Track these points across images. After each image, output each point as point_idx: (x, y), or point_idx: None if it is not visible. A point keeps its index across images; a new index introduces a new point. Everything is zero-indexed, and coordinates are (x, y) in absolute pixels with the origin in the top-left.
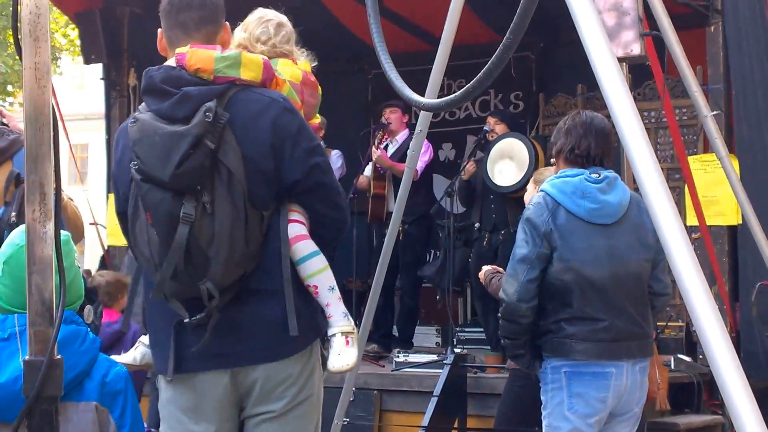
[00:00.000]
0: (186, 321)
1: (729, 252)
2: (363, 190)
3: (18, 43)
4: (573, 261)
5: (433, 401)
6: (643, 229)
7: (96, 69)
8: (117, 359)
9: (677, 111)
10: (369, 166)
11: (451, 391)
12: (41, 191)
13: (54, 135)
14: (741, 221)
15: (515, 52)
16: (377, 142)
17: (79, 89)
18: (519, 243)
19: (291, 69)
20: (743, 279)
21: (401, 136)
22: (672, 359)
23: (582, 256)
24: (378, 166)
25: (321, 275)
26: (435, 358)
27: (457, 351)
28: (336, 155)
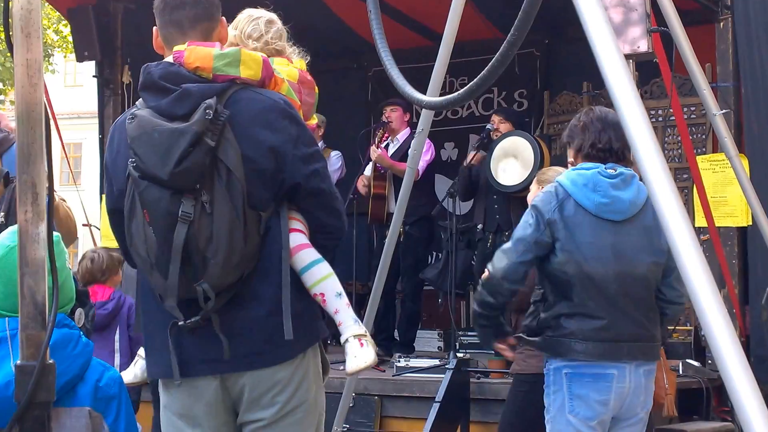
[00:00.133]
0: (181, 324)
1: (739, 254)
2: (362, 194)
3: (9, 40)
4: (576, 254)
5: (435, 407)
6: (657, 233)
7: (89, 66)
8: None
9: (685, 109)
10: (369, 165)
11: (454, 397)
12: (33, 191)
13: (46, 134)
14: (751, 222)
15: (519, 48)
16: (377, 141)
17: (72, 87)
18: (521, 224)
19: (287, 68)
20: (753, 282)
21: (402, 135)
22: (680, 364)
23: (585, 250)
24: (378, 165)
25: (327, 282)
26: (437, 362)
27: (460, 355)
28: (335, 156)
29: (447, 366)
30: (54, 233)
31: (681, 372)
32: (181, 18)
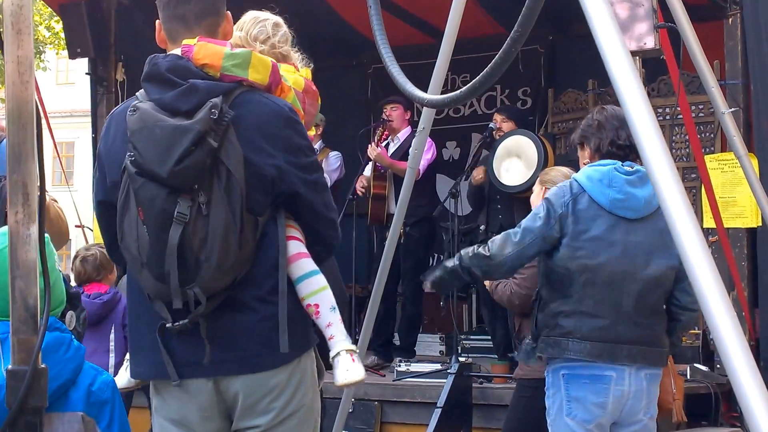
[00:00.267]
0: (168, 326)
1: (748, 255)
2: (362, 195)
3: None
4: (583, 249)
5: (437, 413)
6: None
7: (82, 63)
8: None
9: (693, 107)
10: (369, 165)
11: (456, 403)
12: (24, 191)
13: (38, 133)
14: (761, 223)
15: (523, 45)
16: (377, 139)
17: (65, 85)
18: (532, 215)
19: (293, 76)
20: (763, 284)
21: (403, 134)
22: (688, 368)
23: (593, 245)
24: (378, 165)
25: (322, 294)
26: (438, 367)
27: (462, 360)
28: (334, 156)
29: (449, 371)
30: None
31: (689, 377)
32: (186, 12)
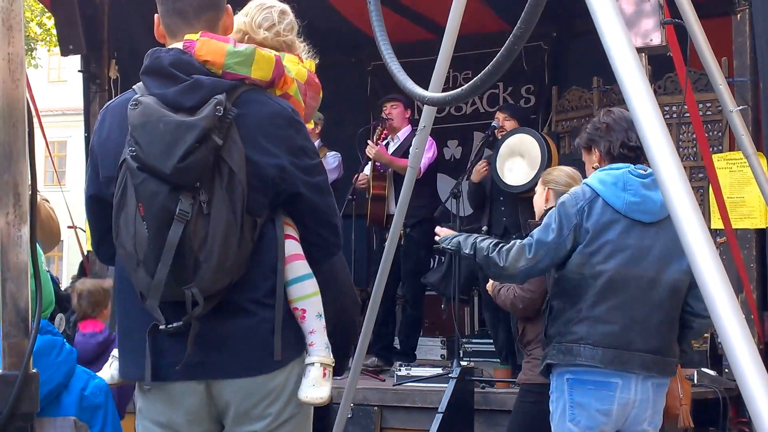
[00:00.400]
0: (162, 328)
1: (757, 257)
2: (362, 190)
3: None
4: (598, 254)
5: (438, 418)
6: None
7: (74, 61)
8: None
9: (701, 105)
10: (368, 165)
11: (457, 408)
12: (15, 192)
13: (29, 132)
14: None
15: (526, 42)
16: (377, 138)
17: (56, 82)
18: (543, 227)
19: (297, 67)
20: None
21: (403, 132)
22: (695, 373)
23: (608, 249)
24: (377, 164)
25: (311, 300)
26: (440, 371)
27: (464, 364)
28: (332, 156)
29: (450, 375)
30: None
31: (696, 381)
32: (185, 7)
